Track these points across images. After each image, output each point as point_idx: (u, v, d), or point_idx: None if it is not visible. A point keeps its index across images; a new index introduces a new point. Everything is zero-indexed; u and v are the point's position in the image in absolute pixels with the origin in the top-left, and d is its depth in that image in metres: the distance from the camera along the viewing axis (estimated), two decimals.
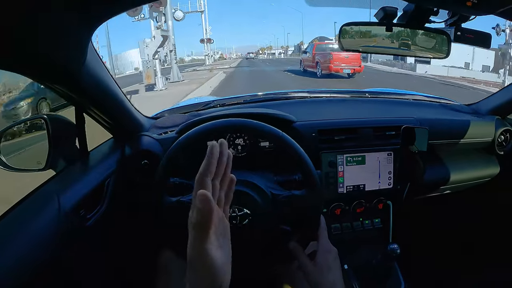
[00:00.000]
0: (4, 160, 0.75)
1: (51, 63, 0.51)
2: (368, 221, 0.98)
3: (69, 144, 0.78)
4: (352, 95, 1.24)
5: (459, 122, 1.04)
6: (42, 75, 0.56)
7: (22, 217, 0.57)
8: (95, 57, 0.62)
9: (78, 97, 0.66)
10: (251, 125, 0.61)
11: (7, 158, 0.76)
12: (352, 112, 1.04)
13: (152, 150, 0.82)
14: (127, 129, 0.85)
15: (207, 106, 1.08)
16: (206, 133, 0.62)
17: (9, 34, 0.41)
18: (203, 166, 0.37)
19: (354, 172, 0.90)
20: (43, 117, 0.74)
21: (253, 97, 1.17)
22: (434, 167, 0.99)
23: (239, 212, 0.60)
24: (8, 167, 0.75)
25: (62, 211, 0.59)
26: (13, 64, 0.48)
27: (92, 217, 0.68)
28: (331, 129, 0.90)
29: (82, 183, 0.70)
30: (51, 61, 0.51)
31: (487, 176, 1.08)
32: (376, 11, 0.74)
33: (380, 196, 0.94)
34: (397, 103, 1.18)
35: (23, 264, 0.50)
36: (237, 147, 0.89)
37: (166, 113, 1.07)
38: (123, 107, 0.79)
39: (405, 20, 0.75)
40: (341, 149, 0.89)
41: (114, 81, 0.73)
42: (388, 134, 0.92)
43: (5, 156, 0.76)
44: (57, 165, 0.75)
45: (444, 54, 0.81)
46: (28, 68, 0.51)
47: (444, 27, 0.79)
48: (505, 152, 1.07)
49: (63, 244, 0.58)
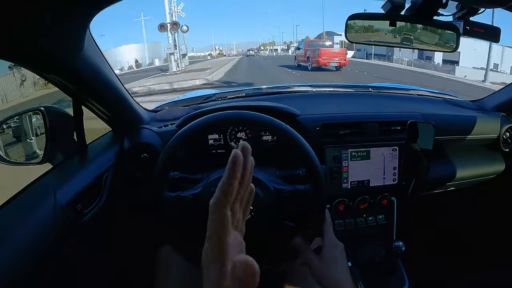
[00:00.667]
0: (1, 153, 0.73)
1: (46, 52, 0.49)
2: (372, 218, 0.97)
3: (67, 137, 0.76)
4: (356, 89, 1.22)
5: (464, 118, 1.03)
6: (37, 65, 0.54)
7: (19, 210, 0.56)
8: (93, 46, 0.60)
9: (75, 88, 0.64)
10: (253, 117, 0.59)
11: (3, 151, 0.74)
12: (356, 106, 1.02)
13: (151, 143, 0.80)
14: (126, 122, 0.83)
15: (209, 100, 1.06)
16: (207, 126, 0.60)
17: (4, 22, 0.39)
18: (222, 185, 0.30)
19: (359, 167, 0.88)
20: (40, 109, 0.72)
21: (255, 90, 1.15)
22: (439, 164, 0.98)
23: None
24: (4, 160, 0.73)
25: (58, 205, 0.58)
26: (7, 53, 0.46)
27: (90, 211, 0.67)
28: (336, 123, 0.88)
29: (80, 177, 0.68)
30: (46, 50, 0.49)
31: (492, 174, 1.07)
32: (384, 3, 0.72)
33: (384, 192, 0.93)
34: (401, 98, 1.17)
35: (19, 258, 0.49)
36: (239, 141, 0.87)
37: (166, 106, 1.05)
38: (122, 99, 0.77)
39: (413, 12, 0.73)
40: (346, 143, 0.87)
41: (113, 72, 0.71)
42: (393, 129, 0.91)
43: (1, 149, 0.74)
44: (55, 158, 0.73)
45: (451, 49, 0.80)
46: (22, 57, 0.49)
47: (453, 21, 0.78)
48: (510, 150, 1.05)
49: (59, 238, 0.57)
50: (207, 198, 0.60)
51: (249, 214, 0.59)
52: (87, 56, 0.58)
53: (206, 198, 0.60)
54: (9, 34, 0.42)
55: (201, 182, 0.63)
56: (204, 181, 0.62)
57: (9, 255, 0.48)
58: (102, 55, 0.65)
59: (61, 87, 0.63)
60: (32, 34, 0.45)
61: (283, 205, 0.61)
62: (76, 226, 0.62)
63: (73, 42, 0.53)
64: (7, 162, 0.73)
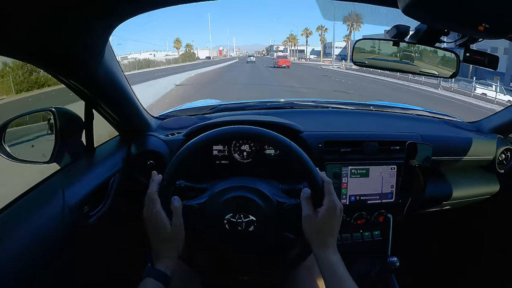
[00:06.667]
0: (8, 150, 0.74)
1: (70, 59, 0.52)
2: (368, 233, 0.99)
3: (76, 138, 0.77)
4: (357, 107, 1.25)
5: (461, 139, 1.05)
6: (58, 69, 0.56)
7: (26, 209, 0.57)
8: (111, 55, 0.63)
9: (90, 93, 0.67)
10: (260, 133, 0.61)
11: (11, 148, 0.75)
12: (358, 125, 1.05)
13: (158, 151, 0.82)
14: (134, 127, 0.85)
15: (214, 110, 1.08)
16: (214, 139, 0.63)
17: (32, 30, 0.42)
18: None
19: (358, 184, 0.91)
20: (52, 110, 0.74)
21: (260, 103, 1.18)
22: (435, 183, 1.00)
23: (244, 218, 0.60)
24: (12, 157, 0.74)
25: (66, 206, 0.59)
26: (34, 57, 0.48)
27: (95, 214, 0.68)
28: (338, 140, 0.91)
29: (87, 179, 0.69)
30: (69, 56, 0.52)
31: (487, 194, 1.09)
32: (389, 29, 0.75)
33: (381, 209, 0.95)
34: (401, 118, 1.20)
35: (25, 257, 0.50)
36: (242, 153, 0.89)
37: (172, 114, 1.07)
38: (132, 105, 0.79)
39: (416, 39, 0.76)
40: (346, 161, 0.90)
41: (126, 79, 0.74)
42: (392, 148, 0.93)
43: (10, 146, 0.75)
44: (62, 159, 0.74)
45: (451, 72, 0.83)
46: (47, 62, 0.51)
47: (454, 47, 0.81)
48: (506, 171, 1.08)
49: (66, 239, 0.58)
50: (213, 208, 0.62)
51: (252, 225, 0.61)
52: (106, 63, 0.60)
53: (212, 208, 0.62)
54: (37, 40, 0.45)
55: (206, 191, 0.65)
56: (210, 191, 0.64)
57: (16, 253, 0.48)
58: (118, 63, 0.68)
59: (76, 91, 0.66)
60: (59, 41, 0.47)
61: (284, 218, 0.62)
62: (82, 228, 0.63)
63: (96, 51, 0.55)
64: (15, 160, 0.74)
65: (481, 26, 0.59)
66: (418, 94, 11.41)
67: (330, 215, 0.55)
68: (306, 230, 0.56)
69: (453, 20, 0.59)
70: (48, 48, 0.46)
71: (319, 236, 0.55)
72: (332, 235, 0.56)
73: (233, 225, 0.60)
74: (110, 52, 0.62)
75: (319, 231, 0.55)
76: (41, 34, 0.43)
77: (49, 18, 0.41)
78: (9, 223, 0.52)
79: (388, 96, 9.83)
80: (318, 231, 0.56)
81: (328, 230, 0.56)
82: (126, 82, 0.74)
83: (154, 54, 53.32)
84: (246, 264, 0.69)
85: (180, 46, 54.02)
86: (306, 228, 0.56)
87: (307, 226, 0.56)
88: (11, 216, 0.54)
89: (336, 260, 0.54)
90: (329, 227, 0.56)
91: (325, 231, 0.56)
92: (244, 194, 0.62)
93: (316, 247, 0.55)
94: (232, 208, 0.61)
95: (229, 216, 0.60)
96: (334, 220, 0.56)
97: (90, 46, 0.54)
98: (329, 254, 0.54)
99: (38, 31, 0.42)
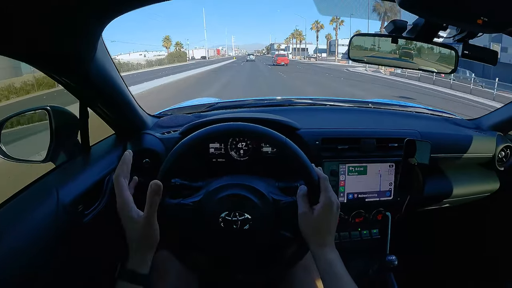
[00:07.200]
0: (4, 149, 0.74)
1: (62, 56, 0.51)
2: (366, 232, 0.98)
3: (71, 137, 0.77)
4: (355, 104, 1.24)
5: (460, 136, 1.04)
6: (52, 67, 0.56)
7: (20, 208, 0.56)
8: (104, 52, 0.62)
9: (84, 91, 0.66)
10: (255, 130, 0.61)
11: (7, 147, 0.75)
12: (355, 122, 1.04)
13: (154, 149, 0.81)
14: (130, 126, 0.85)
15: (211, 108, 1.08)
16: (210, 137, 0.62)
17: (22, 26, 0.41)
18: None
19: (355, 182, 0.90)
20: (47, 108, 0.73)
21: (257, 101, 1.17)
22: (434, 181, 1.00)
23: (240, 217, 0.60)
24: (7, 156, 0.74)
25: (60, 205, 0.59)
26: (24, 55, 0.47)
27: (90, 213, 0.67)
28: (335, 138, 0.90)
29: (82, 178, 0.69)
30: (63, 54, 0.51)
31: (487, 191, 1.09)
32: (386, 24, 0.74)
33: (379, 207, 0.94)
34: (400, 115, 1.19)
35: (19, 256, 0.49)
36: (239, 151, 0.89)
37: (169, 112, 1.07)
38: (128, 103, 0.78)
39: (414, 34, 0.75)
40: (344, 158, 0.89)
41: (121, 77, 0.73)
42: (390, 146, 0.93)
43: (5, 145, 0.75)
44: (58, 158, 0.74)
45: (450, 69, 0.83)
46: (37, 58, 0.51)
47: (452, 43, 0.80)
48: (505, 168, 1.07)
49: (60, 238, 0.57)
50: (208, 206, 0.61)
51: (247, 223, 0.60)
52: (99, 60, 0.60)
53: (207, 206, 0.61)
54: (25, 34, 0.44)
55: (202, 190, 0.65)
56: (205, 189, 0.64)
57: (9, 252, 0.48)
58: (112, 60, 0.67)
59: (70, 89, 0.65)
60: (51, 39, 0.46)
61: (281, 216, 0.62)
62: (76, 227, 0.62)
63: (88, 47, 0.54)
64: (10, 158, 0.74)
65: (479, 19, 0.59)
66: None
67: (326, 212, 0.54)
68: (302, 228, 0.56)
69: (451, 13, 0.58)
70: (40, 46, 0.46)
71: (316, 233, 0.55)
72: (329, 232, 0.55)
73: (228, 223, 0.60)
74: (103, 49, 0.61)
75: (315, 229, 0.55)
76: (33, 32, 0.43)
77: (41, 16, 0.41)
78: (2, 222, 0.52)
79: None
80: (314, 228, 0.55)
81: (325, 227, 0.55)
82: (121, 80, 0.73)
83: (145, 54, 51.56)
84: (242, 263, 0.68)
85: (170, 45, 49.49)
86: (303, 226, 0.55)
87: (303, 223, 0.55)
88: (4, 215, 0.54)
89: (334, 258, 0.53)
90: (326, 224, 0.55)
91: (321, 228, 0.55)
92: (239, 192, 0.61)
93: (313, 245, 0.55)
94: (227, 206, 0.60)
95: (224, 214, 0.60)
96: (331, 217, 0.55)
97: (83, 43, 0.53)
98: (326, 252, 0.54)
99: (29, 29, 0.42)
